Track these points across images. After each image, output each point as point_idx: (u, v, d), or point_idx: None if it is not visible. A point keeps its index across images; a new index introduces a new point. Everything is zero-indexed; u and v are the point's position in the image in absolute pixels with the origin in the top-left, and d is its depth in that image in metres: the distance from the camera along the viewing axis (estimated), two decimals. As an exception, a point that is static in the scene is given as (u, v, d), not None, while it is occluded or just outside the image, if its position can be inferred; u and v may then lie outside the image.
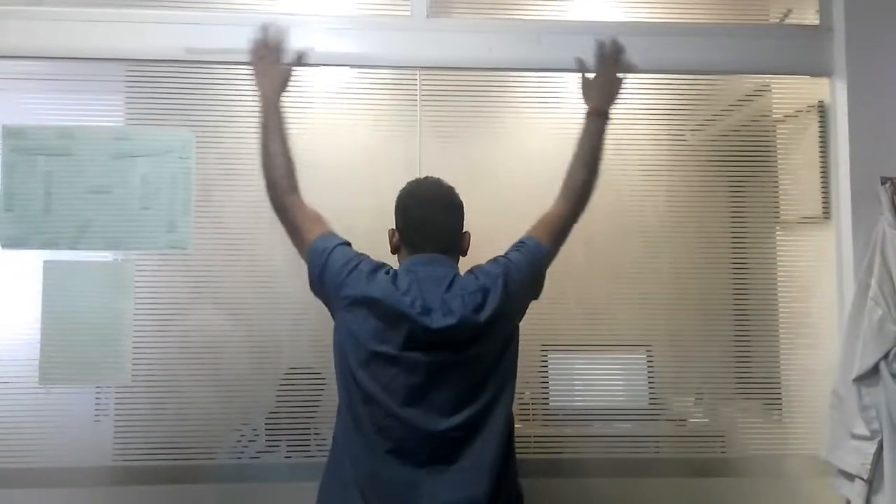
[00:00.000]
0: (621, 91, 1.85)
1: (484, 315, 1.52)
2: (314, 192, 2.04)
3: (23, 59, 1.99)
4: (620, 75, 1.86)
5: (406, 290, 1.52)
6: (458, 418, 1.49)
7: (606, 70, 1.87)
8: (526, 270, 1.61)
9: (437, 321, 1.49)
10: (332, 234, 1.63)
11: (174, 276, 1.99)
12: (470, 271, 1.61)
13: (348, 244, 1.62)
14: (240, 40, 1.97)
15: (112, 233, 1.82)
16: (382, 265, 1.59)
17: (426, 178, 1.71)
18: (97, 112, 2.01)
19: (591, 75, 1.88)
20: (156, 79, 2.04)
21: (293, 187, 1.68)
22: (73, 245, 1.79)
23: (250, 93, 2.06)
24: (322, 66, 2.07)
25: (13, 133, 1.83)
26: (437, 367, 1.50)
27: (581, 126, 1.80)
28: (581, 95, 1.86)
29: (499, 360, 1.55)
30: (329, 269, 1.56)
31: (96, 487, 1.94)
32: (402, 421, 1.48)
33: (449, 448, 1.49)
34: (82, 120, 1.95)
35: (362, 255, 1.60)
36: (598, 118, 1.80)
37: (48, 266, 1.79)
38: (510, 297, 1.56)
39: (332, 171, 2.08)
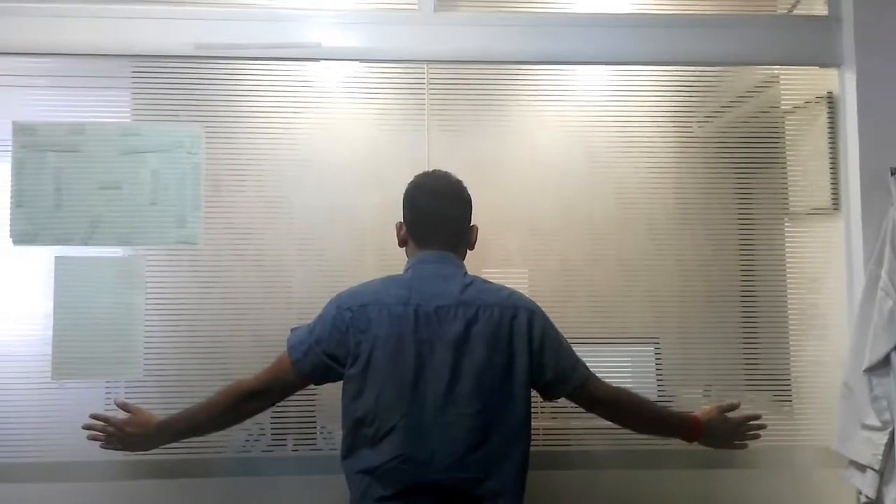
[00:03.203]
0: (720, 448, 1.77)
1: (490, 334, 1.49)
2: (321, 187, 2.07)
3: (31, 55, 2.00)
4: (737, 443, 1.75)
5: (406, 299, 1.51)
6: (465, 462, 1.47)
7: (737, 428, 1.74)
8: (553, 353, 1.56)
9: (446, 327, 1.48)
10: (294, 332, 1.58)
11: (184, 272, 1.99)
12: (499, 286, 1.58)
13: (307, 327, 1.58)
14: (248, 35, 1.98)
15: (122, 228, 1.83)
16: (359, 291, 1.55)
17: (434, 171, 1.71)
18: (104, 108, 2.01)
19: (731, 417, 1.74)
20: (163, 74, 2.05)
21: (239, 384, 1.59)
22: (84, 241, 1.80)
23: (259, 88, 2.08)
24: (329, 61, 2.08)
25: (23, 130, 1.83)
26: (444, 397, 1.47)
27: (680, 414, 1.76)
28: (709, 410, 1.73)
29: (506, 391, 1.50)
30: (324, 339, 1.52)
31: (108, 482, 1.95)
32: (410, 461, 1.46)
33: (457, 494, 1.47)
34: (89, 116, 1.95)
35: (330, 304, 1.56)
36: (690, 429, 1.69)
37: (59, 262, 1.80)
38: (528, 336, 1.52)
39: (340, 165, 2.08)
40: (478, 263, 1.68)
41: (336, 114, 2.10)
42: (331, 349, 1.53)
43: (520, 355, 1.52)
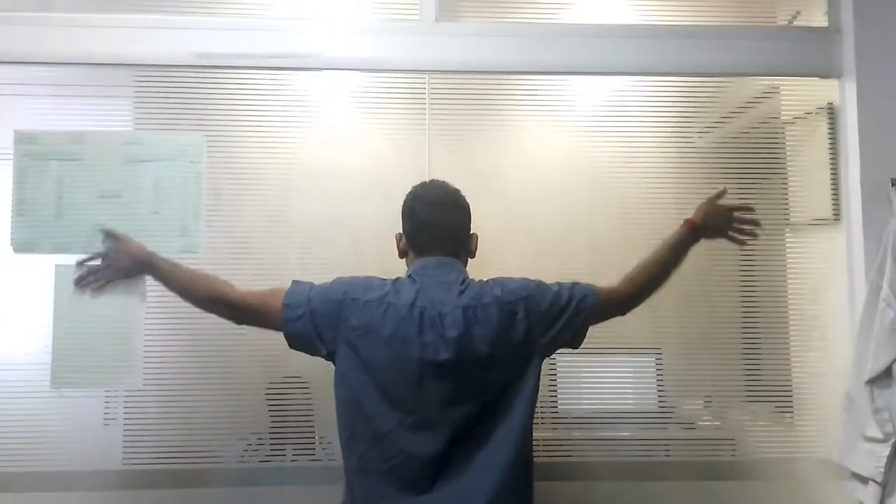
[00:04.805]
0: (718, 238, 1.80)
1: (493, 333, 1.50)
2: (322, 197, 2.07)
3: (33, 64, 2.01)
4: (729, 232, 1.81)
5: (412, 301, 1.51)
6: (468, 450, 1.48)
7: (728, 215, 1.81)
8: (563, 307, 1.57)
9: (448, 332, 1.48)
10: (298, 284, 1.59)
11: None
12: (490, 281, 1.59)
13: (314, 284, 1.59)
14: (250, 45, 2.00)
15: (124, 237, 1.82)
16: (369, 281, 1.56)
17: (432, 181, 1.71)
18: (106, 117, 2.02)
19: (721, 203, 1.82)
20: (165, 84, 2.06)
21: (229, 286, 1.64)
22: (84, 249, 1.79)
23: (261, 97, 2.08)
24: (331, 71, 2.08)
25: (26, 138, 1.83)
26: (449, 393, 1.48)
27: (675, 232, 1.77)
28: (696, 207, 1.80)
29: (509, 390, 1.51)
30: (319, 311, 1.53)
31: (106, 491, 1.94)
32: (414, 455, 1.47)
33: (456, 475, 1.48)
34: (91, 125, 1.96)
35: (340, 280, 1.58)
36: (687, 232, 1.75)
37: (60, 270, 1.79)
38: (530, 325, 1.53)
39: (341, 175, 2.09)
40: (478, 272, 1.68)
41: (338, 123, 2.11)
42: (322, 328, 1.53)
43: (524, 346, 1.53)
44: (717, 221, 1.79)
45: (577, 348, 1.64)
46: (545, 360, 1.60)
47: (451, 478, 1.47)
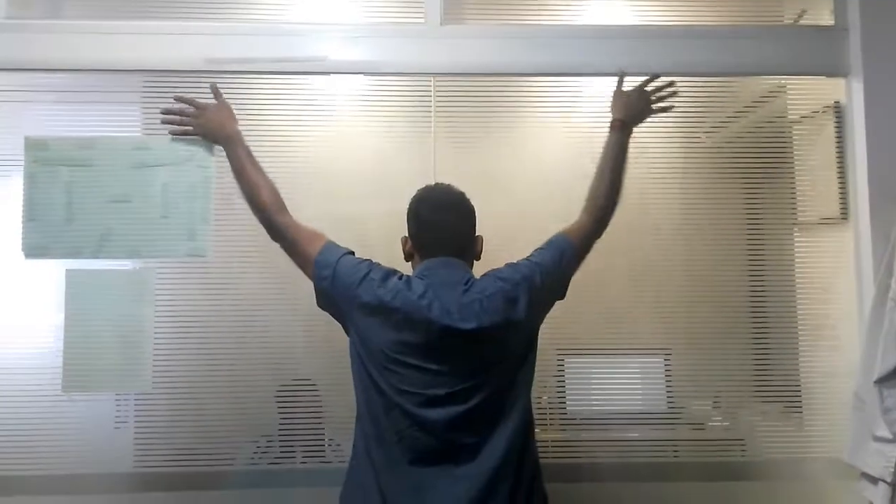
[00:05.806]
0: (647, 118, 1.86)
1: (502, 320, 1.53)
2: (329, 199, 2.08)
3: (43, 71, 2.02)
4: (654, 106, 1.87)
5: (422, 293, 1.53)
6: (475, 425, 1.52)
7: (642, 94, 1.87)
8: (551, 272, 1.63)
9: (457, 324, 1.51)
10: (334, 246, 1.64)
11: (194, 284, 2.01)
12: (487, 275, 1.61)
13: (352, 252, 1.64)
14: (258, 50, 2.01)
15: (133, 241, 1.84)
16: (393, 271, 1.60)
17: (437, 184, 1.73)
18: (115, 123, 2.04)
19: (626, 88, 1.87)
20: (173, 89, 2.07)
21: (282, 207, 1.69)
22: (94, 254, 1.81)
23: (268, 101, 2.10)
24: (337, 74, 2.09)
25: (36, 144, 1.85)
26: (457, 374, 1.51)
27: (605, 140, 1.80)
28: (610, 105, 1.85)
29: (518, 367, 1.57)
30: (339, 279, 1.58)
31: (117, 494, 1.96)
32: (424, 429, 1.50)
33: (466, 451, 1.51)
34: (100, 130, 1.98)
35: (370, 261, 1.62)
36: (618, 132, 1.79)
37: (70, 275, 1.81)
38: (531, 304, 1.57)
39: (348, 178, 2.10)
40: (484, 275, 1.69)
41: (344, 126, 2.12)
42: (337, 296, 1.58)
43: (528, 324, 1.58)
44: (637, 106, 1.85)
45: (563, 298, 1.70)
46: (553, 365, 1.62)
47: (462, 452, 1.50)
